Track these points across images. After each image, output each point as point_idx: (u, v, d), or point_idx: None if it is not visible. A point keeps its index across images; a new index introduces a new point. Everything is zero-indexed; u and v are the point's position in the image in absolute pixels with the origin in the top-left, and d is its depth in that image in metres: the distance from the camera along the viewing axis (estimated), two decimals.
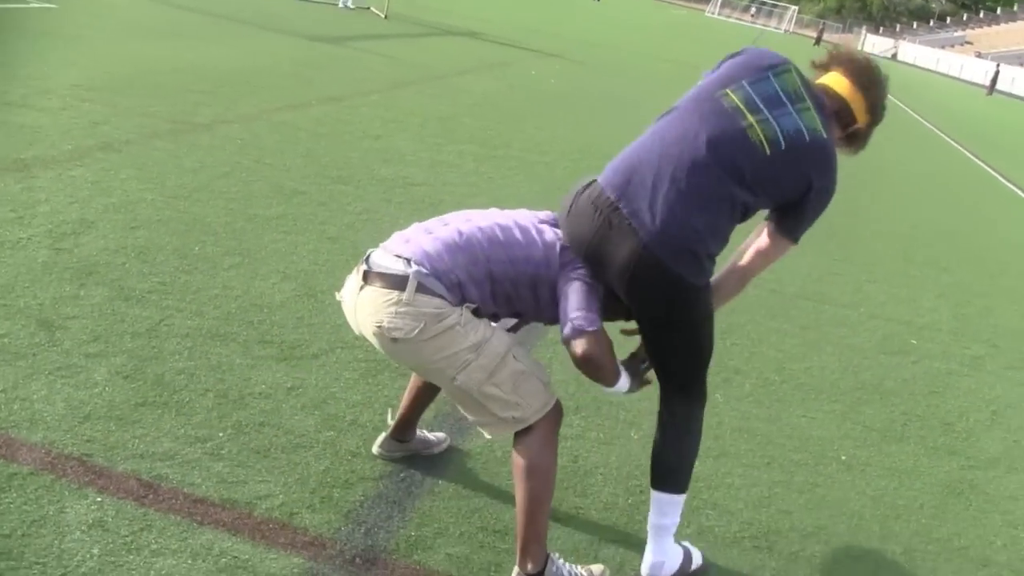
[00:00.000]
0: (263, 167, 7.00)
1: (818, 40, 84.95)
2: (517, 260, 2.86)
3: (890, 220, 10.58)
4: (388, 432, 3.52)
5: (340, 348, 4.32)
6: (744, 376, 5.07)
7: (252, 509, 3.08)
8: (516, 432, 2.87)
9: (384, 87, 11.89)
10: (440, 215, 3.02)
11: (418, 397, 3.43)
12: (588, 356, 2.80)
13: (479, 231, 2.87)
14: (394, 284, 2.74)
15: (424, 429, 3.64)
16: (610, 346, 2.88)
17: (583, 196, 2.90)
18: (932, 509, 4.09)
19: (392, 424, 3.50)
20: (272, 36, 14.43)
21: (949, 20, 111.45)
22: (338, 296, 3.00)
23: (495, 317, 2.98)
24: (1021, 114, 44.19)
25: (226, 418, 3.57)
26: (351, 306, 2.88)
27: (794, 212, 2.95)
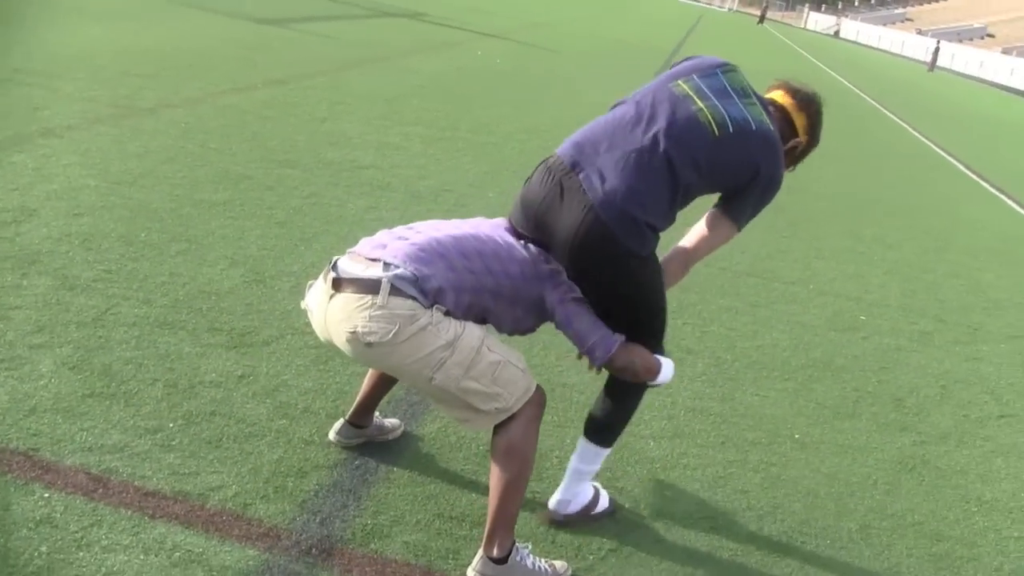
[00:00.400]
0: (209, 151, 6.89)
1: (762, 19, 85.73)
2: (495, 271, 2.89)
3: (837, 197, 10.67)
4: (345, 418, 3.48)
5: (290, 334, 4.26)
6: (696, 356, 5.09)
7: (205, 501, 3.03)
8: None
9: (330, 69, 11.77)
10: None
11: (378, 383, 3.41)
12: (627, 367, 2.99)
13: (453, 239, 2.90)
14: (367, 288, 2.72)
15: (378, 414, 3.61)
16: (638, 345, 3.01)
17: (540, 165, 3.04)
18: (886, 485, 4.13)
19: (350, 410, 3.47)
20: (216, 18, 14.22)
21: None
22: (303, 305, 2.99)
23: None
24: (962, 89, 44.86)
25: (176, 408, 3.51)
26: (320, 316, 2.85)
27: (739, 198, 3.10)
